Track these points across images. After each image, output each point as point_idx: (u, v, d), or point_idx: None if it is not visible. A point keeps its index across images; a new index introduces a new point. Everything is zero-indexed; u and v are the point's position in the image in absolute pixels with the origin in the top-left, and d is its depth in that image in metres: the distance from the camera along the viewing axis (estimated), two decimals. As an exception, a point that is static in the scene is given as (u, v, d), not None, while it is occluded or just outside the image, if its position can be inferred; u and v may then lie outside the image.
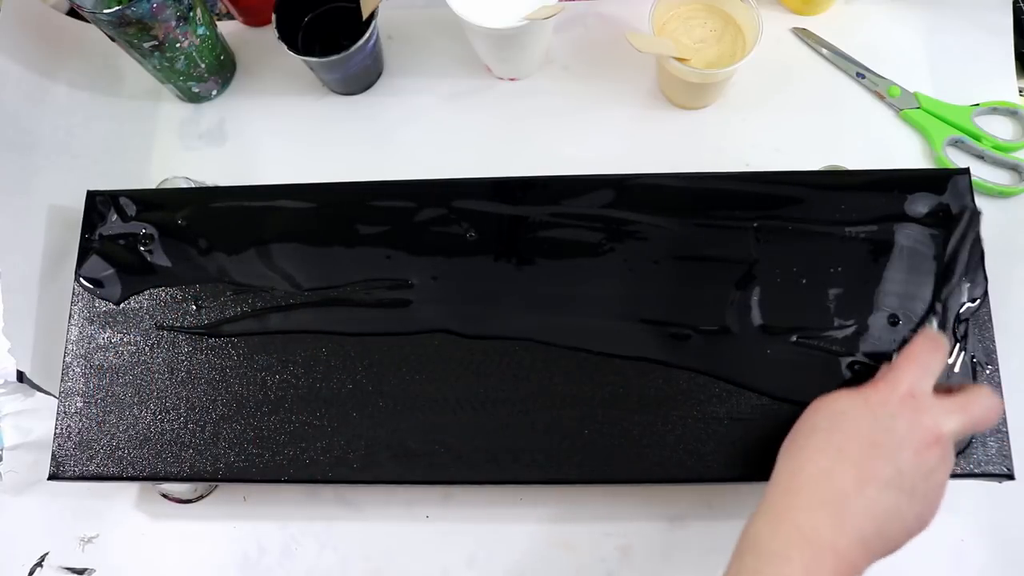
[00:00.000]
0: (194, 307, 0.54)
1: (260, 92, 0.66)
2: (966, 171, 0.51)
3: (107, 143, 0.65)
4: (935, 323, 0.48)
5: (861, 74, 0.60)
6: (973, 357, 0.48)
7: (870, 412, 0.42)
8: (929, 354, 0.44)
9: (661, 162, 0.59)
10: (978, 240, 0.49)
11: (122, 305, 0.55)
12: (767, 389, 0.49)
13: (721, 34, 0.57)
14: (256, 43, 0.67)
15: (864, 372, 0.48)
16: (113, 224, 0.56)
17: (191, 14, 0.58)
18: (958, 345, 0.48)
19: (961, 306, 0.48)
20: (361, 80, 0.64)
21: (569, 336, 0.50)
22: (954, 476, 0.47)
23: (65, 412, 0.53)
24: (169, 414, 0.52)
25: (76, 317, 0.55)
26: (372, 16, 0.57)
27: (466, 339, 0.51)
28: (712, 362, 0.49)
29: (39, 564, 0.57)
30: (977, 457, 0.47)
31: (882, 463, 0.40)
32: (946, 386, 0.44)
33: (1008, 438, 0.47)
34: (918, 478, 0.41)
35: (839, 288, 0.50)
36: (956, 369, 0.48)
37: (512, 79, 0.64)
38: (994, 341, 0.48)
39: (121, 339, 0.54)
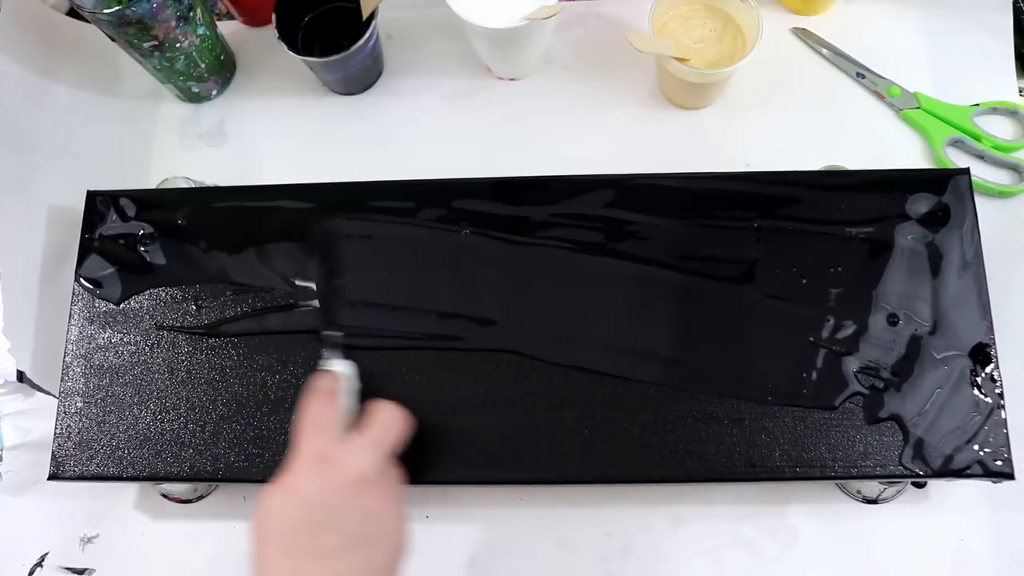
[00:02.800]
0: (194, 307, 0.54)
1: (260, 92, 0.66)
2: (966, 171, 0.51)
3: (107, 143, 0.65)
4: (335, 355, 0.49)
5: (861, 74, 0.60)
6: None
7: (293, 498, 0.41)
8: (317, 409, 0.44)
9: (661, 162, 0.59)
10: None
11: (122, 305, 0.55)
12: (767, 389, 0.49)
13: (721, 34, 0.57)
14: (256, 43, 0.67)
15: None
16: (113, 224, 0.56)
17: (191, 14, 0.58)
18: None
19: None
20: (361, 80, 0.64)
21: (569, 336, 0.51)
22: (954, 476, 0.47)
23: (65, 412, 0.53)
24: (169, 414, 0.52)
25: (76, 317, 0.55)
26: (372, 16, 0.57)
27: (464, 340, 0.51)
28: (712, 362, 0.49)
29: (39, 564, 0.57)
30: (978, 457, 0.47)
31: (329, 536, 0.40)
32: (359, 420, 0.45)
33: (1008, 438, 0.47)
34: (369, 526, 0.41)
35: (839, 288, 0.50)
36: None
37: (512, 79, 0.64)
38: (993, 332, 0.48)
39: (121, 339, 0.54)
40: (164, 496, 0.57)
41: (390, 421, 0.45)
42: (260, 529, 0.41)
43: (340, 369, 0.48)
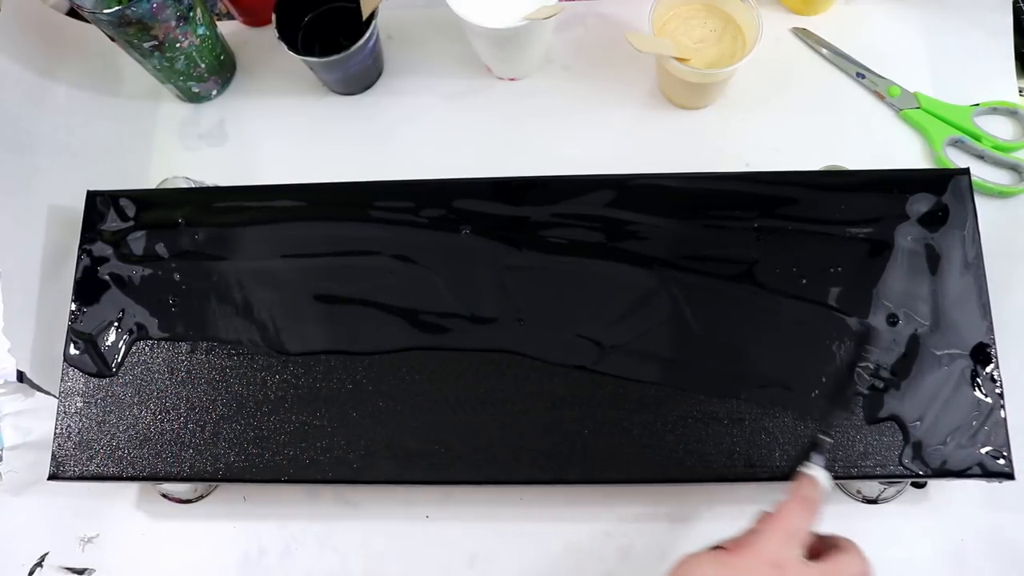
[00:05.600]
0: (194, 308, 0.54)
1: (260, 92, 0.66)
2: (966, 171, 0.51)
3: (107, 143, 0.65)
4: (820, 461, 0.46)
5: (861, 74, 0.60)
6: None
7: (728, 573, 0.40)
8: (798, 518, 0.42)
9: (661, 162, 0.59)
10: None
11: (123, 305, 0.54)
12: (767, 389, 0.48)
13: (721, 34, 0.57)
14: (256, 43, 0.67)
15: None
16: (113, 225, 0.56)
17: (191, 14, 0.58)
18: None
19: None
20: (361, 80, 0.64)
21: (569, 336, 0.51)
22: (954, 476, 0.47)
23: (65, 412, 0.53)
24: (169, 414, 0.52)
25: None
26: (372, 16, 0.57)
27: (464, 340, 0.51)
28: (712, 362, 0.49)
29: (39, 564, 0.57)
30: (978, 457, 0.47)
31: None
32: (818, 539, 0.43)
33: (1008, 438, 0.47)
34: None
35: (839, 288, 0.50)
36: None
37: (512, 79, 0.64)
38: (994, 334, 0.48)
39: (121, 339, 0.54)
40: (164, 496, 0.57)
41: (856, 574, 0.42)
42: None
43: (822, 479, 0.45)
